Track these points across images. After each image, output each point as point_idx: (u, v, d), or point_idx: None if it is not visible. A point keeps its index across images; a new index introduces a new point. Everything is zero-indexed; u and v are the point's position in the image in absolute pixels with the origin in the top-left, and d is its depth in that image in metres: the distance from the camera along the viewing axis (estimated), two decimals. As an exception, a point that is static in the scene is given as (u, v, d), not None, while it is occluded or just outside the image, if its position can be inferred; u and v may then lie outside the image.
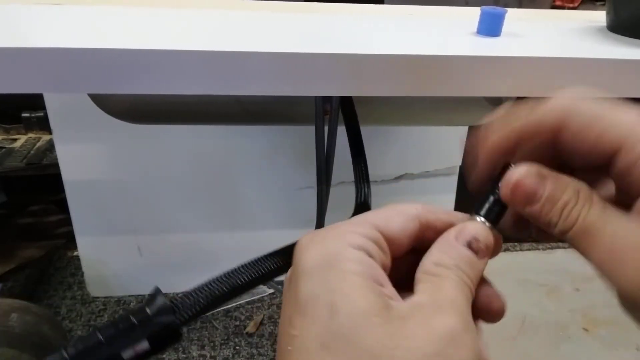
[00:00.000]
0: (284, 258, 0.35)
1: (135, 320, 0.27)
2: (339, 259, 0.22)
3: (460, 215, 0.27)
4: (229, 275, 0.31)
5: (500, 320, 0.26)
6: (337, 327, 0.20)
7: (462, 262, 0.24)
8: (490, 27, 0.40)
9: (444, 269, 0.23)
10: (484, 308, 0.25)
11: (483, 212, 0.25)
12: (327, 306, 0.21)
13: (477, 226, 0.25)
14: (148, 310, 0.27)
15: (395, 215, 0.25)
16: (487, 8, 0.39)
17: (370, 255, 0.23)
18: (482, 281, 0.25)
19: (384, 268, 0.23)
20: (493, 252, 0.25)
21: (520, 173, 0.24)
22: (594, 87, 0.37)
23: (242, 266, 0.32)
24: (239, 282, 0.31)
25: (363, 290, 0.21)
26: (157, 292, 0.28)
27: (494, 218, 0.25)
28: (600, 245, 0.22)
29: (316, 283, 0.22)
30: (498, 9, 0.39)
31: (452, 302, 0.22)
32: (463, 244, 0.24)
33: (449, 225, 0.26)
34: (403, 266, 0.25)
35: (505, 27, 0.40)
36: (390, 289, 0.22)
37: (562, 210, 0.23)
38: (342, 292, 0.21)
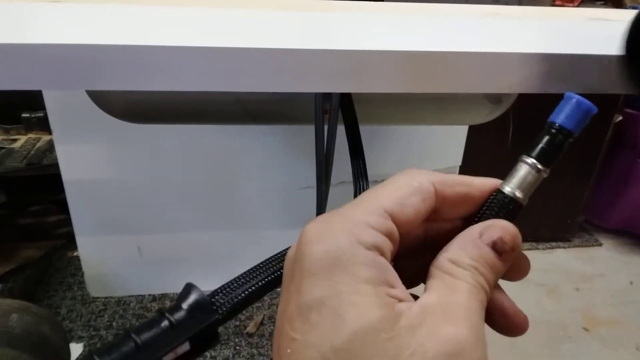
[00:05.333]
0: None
1: (173, 320, 0.24)
2: (349, 260, 0.20)
3: (477, 181, 0.24)
4: (264, 266, 0.27)
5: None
6: (341, 342, 0.18)
7: (482, 263, 0.22)
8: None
9: (459, 269, 0.21)
10: (500, 316, 0.23)
11: (535, 153, 0.22)
12: (333, 316, 0.19)
13: (506, 226, 0.23)
14: (185, 307, 0.24)
15: (411, 195, 0.22)
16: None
17: (382, 253, 0.21)
18: (497, 288, 0.23)
19: (393, 259, 0.22)
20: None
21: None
22: (594, 84, 0.37)
23: (277, 256, 0.28)
24: (276, 273, 0.27)
25: (372, 299, 0.19)
26: (191, 287, 0.25)
27: (547, 160, 0.22)
28: None
29: (322, 286, 0.20)
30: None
31: (465, 309, 0.20)
32: (487, 243, 0.22)
33: (465, 199, 0.24)
34: (410, 237, 0.24)
35: (505, 26, 0.40)
36: (400, 290, 0.20)
37: None
38: (350, 302, 0.19)
